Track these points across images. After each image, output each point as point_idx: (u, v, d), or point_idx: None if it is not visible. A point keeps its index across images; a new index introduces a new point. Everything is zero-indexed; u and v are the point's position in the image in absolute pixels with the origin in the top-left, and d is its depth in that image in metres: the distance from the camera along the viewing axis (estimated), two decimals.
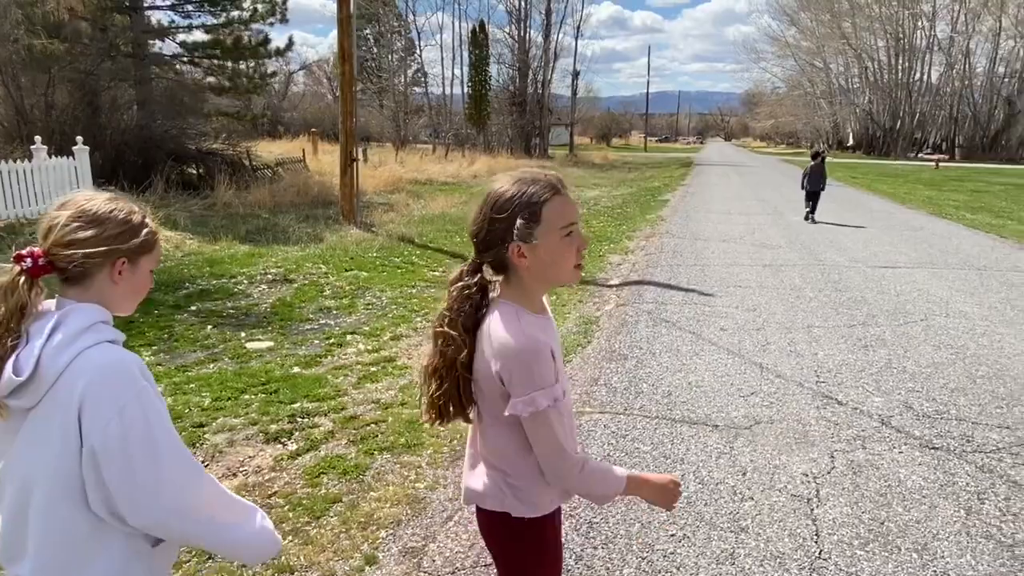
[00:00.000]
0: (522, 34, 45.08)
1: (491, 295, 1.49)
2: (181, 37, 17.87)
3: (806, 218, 13.35)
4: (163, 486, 1.22)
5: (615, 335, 5.66)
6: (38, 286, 1.25)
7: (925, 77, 58.83)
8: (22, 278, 1.22)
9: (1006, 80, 53.62)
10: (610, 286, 7.83)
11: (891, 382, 4.50)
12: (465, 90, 41.88)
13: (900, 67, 58.94)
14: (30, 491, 1.22)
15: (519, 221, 1.38)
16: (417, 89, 61.47)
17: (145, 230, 1.33)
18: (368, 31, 60.17)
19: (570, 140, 50.53)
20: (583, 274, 1.62)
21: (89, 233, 1.24)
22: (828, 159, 31.45)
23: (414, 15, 48.16)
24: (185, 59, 18.14)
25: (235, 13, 18.03)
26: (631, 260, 9.39)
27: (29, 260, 1.23)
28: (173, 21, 18.39)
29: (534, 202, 1.39)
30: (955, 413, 4.00)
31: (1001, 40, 53.51)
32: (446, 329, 1.45)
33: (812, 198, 13.49)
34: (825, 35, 64.49)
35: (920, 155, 53.08)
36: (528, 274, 1.43)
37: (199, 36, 17.96)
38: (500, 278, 1.48)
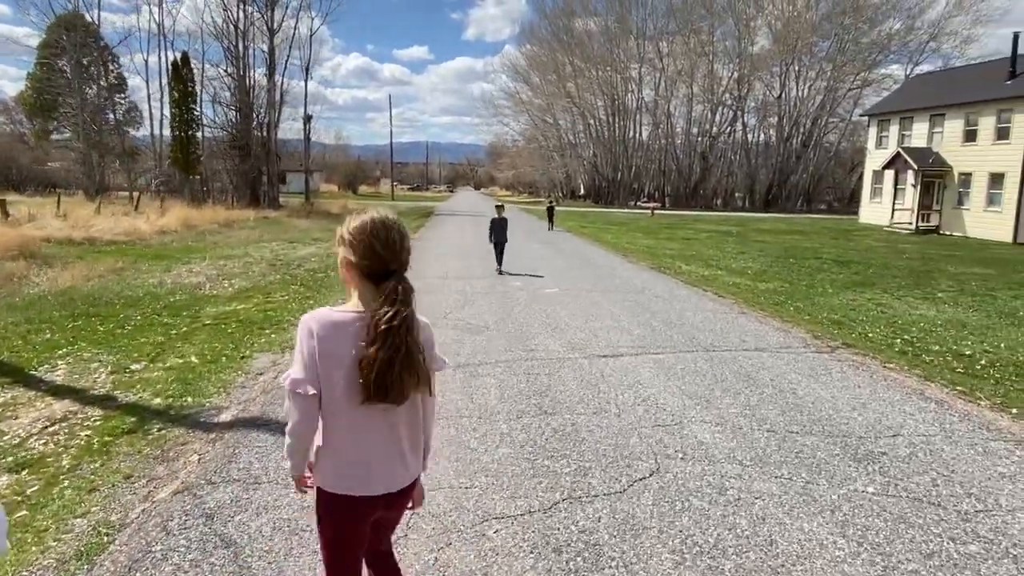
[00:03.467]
0: (241, 72, 40.46)
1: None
2: None
3: (498, 271, 13.43)
4: None
5: None
6: None
7: (637, 135, 65.54)
8: None
9: (700, 139, 61.60)
10: (211, 426, 4.82)
11: None
12: (172, 131, 36.07)
13: (617, 125, 64.94)
14: None
15: None
16: (132, 132, 53.14)
17: None
18: (64, 62, 50.81)
19: (306, 188, 46.60)
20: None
21: None
22: (558, 208, 32.01)
23: (99, 42, 40.93)
24: None
25: None
26: (280, 365, 6.48)
27: None
28: None
29: None
30: None
31: (694, 104, 61.58)
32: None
33: (498, 250, 13.74)
34: (553, 94, 69.08)
35: (638, 203, 58.40)
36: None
37: None
38: None
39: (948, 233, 29.92)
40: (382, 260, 1.82)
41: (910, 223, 31.36)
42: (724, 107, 60.87)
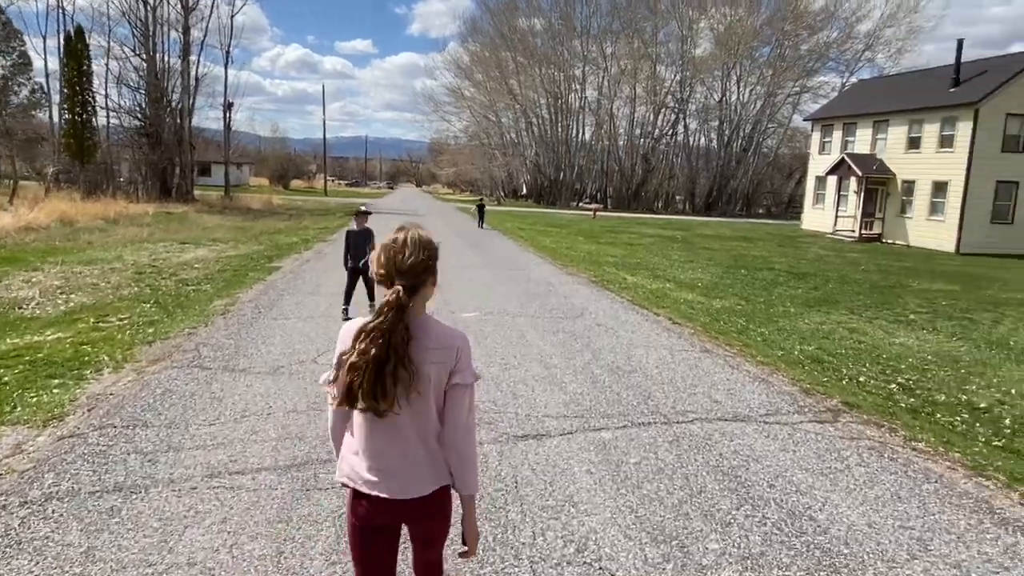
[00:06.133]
0: (151, 53, 36.80)
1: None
2: None
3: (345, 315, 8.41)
4: None
5: None
6: None
7: (580, 135, 64.16)
8: None
9: (642, 140, 60.64)
10: None
11: None
12: (63, 115, 32.08)
13: (560, 124, 63.38)
14: None
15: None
16: (39, 115, 48.14)
17: None
18: None
19: (225, 181, 43.10)
20: None
21: None
22: (498, 208, 29.93)
23: None
24: None
25: None
26: (28, 451, 4.14)
27: None
28: None
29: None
30: None
31: (637, 105, 60.58)
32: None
33: (356, 280, 8.68)
34: (495, 90, 66.98)
35: (580, 204, 56.95)
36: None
37: None
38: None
39: (891, 242, 29.30)
40: (384, 269, 1.90)
41: (853, 231, 30.66)
42: (667, 109, 60.07)
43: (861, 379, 7.03)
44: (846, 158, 30.74)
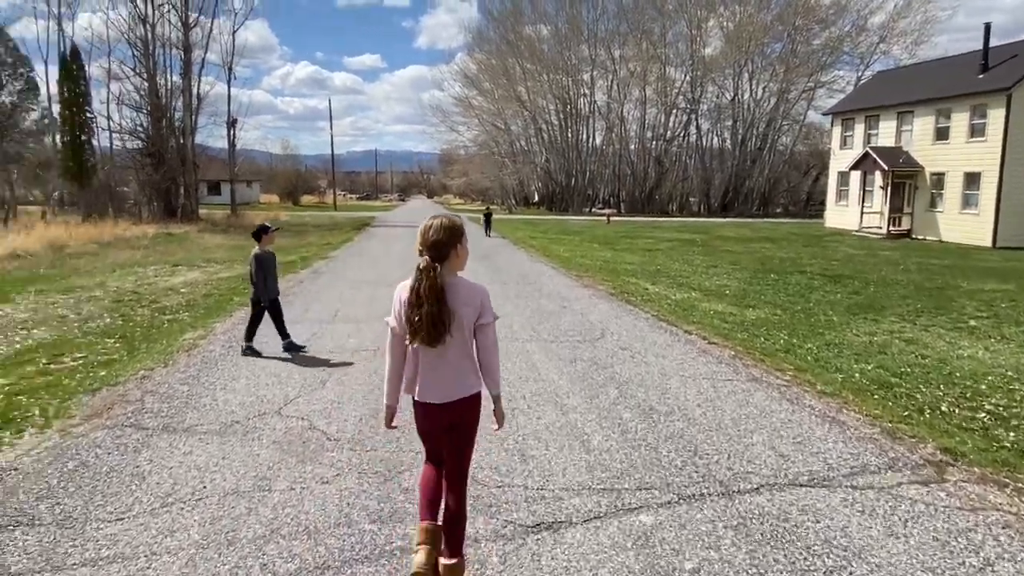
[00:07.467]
0: (151, 72, 36.25)
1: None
2: None
3: (244, 346, 7.19)
4: None
5: None
6: None
7: (591, 139, 62.98)
8: None
9: (654, 143, 59.32)
10: None
11: None
12: (63, 138, 31.49)
13: (570, 130, 62.25)
14: None
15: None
16: (48, 139, 47.88)
17: None
18: None
19: (231, 199, 42.43)
20: None
21: None
22: (510, 216, 28.81)
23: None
24: None
25: None
26: None
27: None
28: None
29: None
30: None
31: (647, 108, 59.31)
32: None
33: (276, 318, 7.34)
34: (504, 98, 66.02)
35: (593, 209, 55.74)
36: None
37: None
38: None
39: (922, 238, 27.80)
40: (420, 245, 2.76)
41: (880, 227, 29.20)
42: (678, 110, 58.72)
43: (943, 408, 5.79)
44: (870, 152, 29.31)
